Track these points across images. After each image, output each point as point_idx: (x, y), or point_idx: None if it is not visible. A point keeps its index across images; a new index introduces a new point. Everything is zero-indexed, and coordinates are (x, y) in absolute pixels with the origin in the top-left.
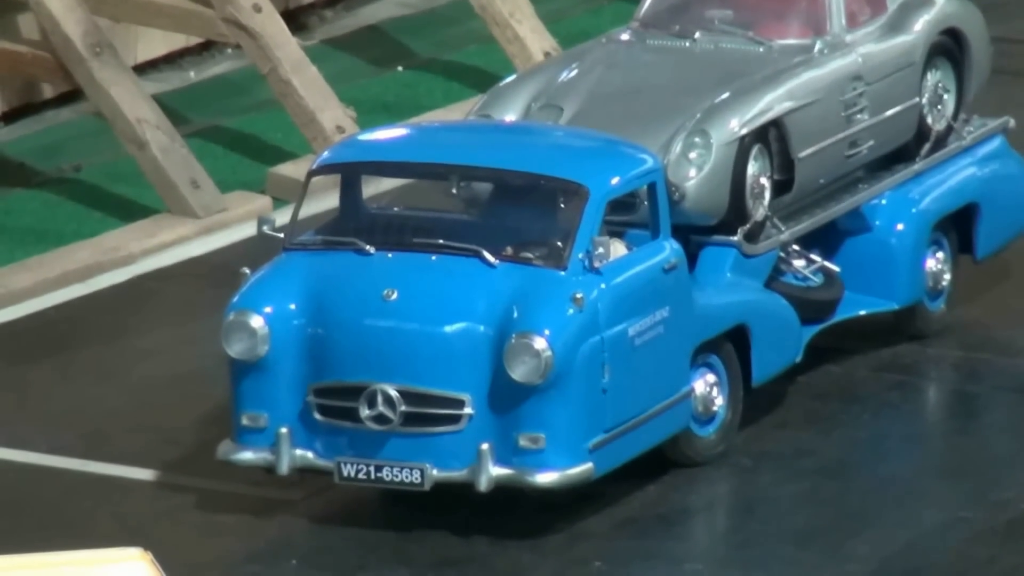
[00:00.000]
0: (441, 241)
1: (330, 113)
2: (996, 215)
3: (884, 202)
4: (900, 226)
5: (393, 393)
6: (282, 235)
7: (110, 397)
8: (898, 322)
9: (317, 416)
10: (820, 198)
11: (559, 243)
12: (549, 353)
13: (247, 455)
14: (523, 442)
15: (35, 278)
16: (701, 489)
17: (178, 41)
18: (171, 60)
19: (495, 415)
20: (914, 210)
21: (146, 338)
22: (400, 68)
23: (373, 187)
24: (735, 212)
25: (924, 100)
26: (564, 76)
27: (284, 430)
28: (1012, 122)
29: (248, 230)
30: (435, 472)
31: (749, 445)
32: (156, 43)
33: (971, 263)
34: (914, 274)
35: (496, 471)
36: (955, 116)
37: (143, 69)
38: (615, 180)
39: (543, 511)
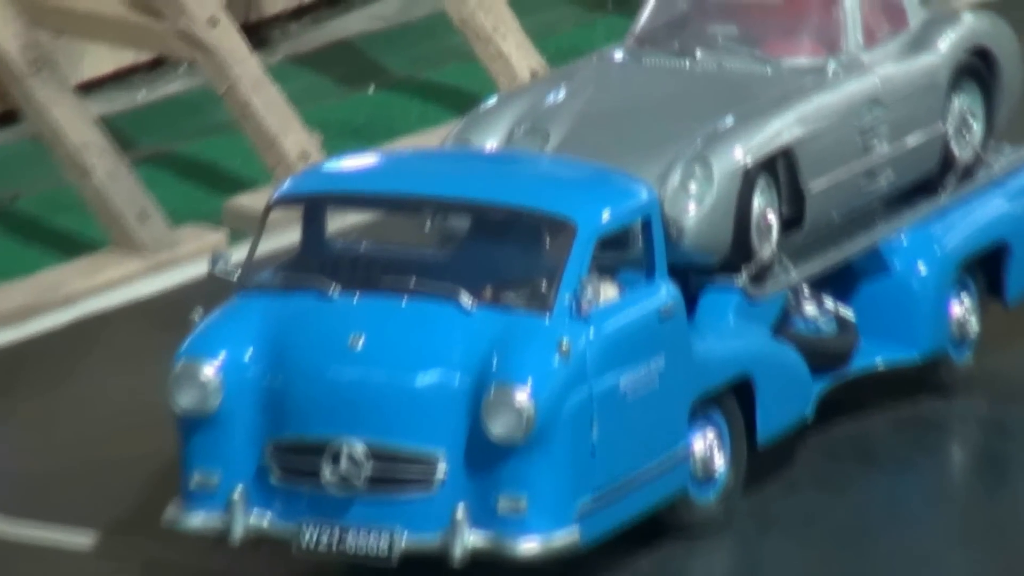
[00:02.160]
0: (413, 282)
1: (293, 138)
2: None
3: (904, 240)
4: (922, 267)
5: (359, 450)
6: (237, 274)
7: (47, 452)
8: (920, 373)
9: (275, 476)
10: (834, 236)
11: (543, 285)
12: (531, 407)
13: (197, 520)
14: (502, 505)
15: None
16: (700, 560)
17: (126, 57)
18: (119, 78)
19: (471, 475)
20: (938, 249)
21: (87, 387)
22: (371, 88)
23: (339, 221)
24: (739, 251)
25: (949, 126)
26: (552, 98)
27: (238, 492)
28: None
29: (201, 268)
30: (404, 540)
31: (754, 510)
32: (102, 59)
33: (1000, 308)
34: (937, 320)
35: (472, 538)
36: (984, 144)
37: (88, 88)
38: (606, 215)
39: None
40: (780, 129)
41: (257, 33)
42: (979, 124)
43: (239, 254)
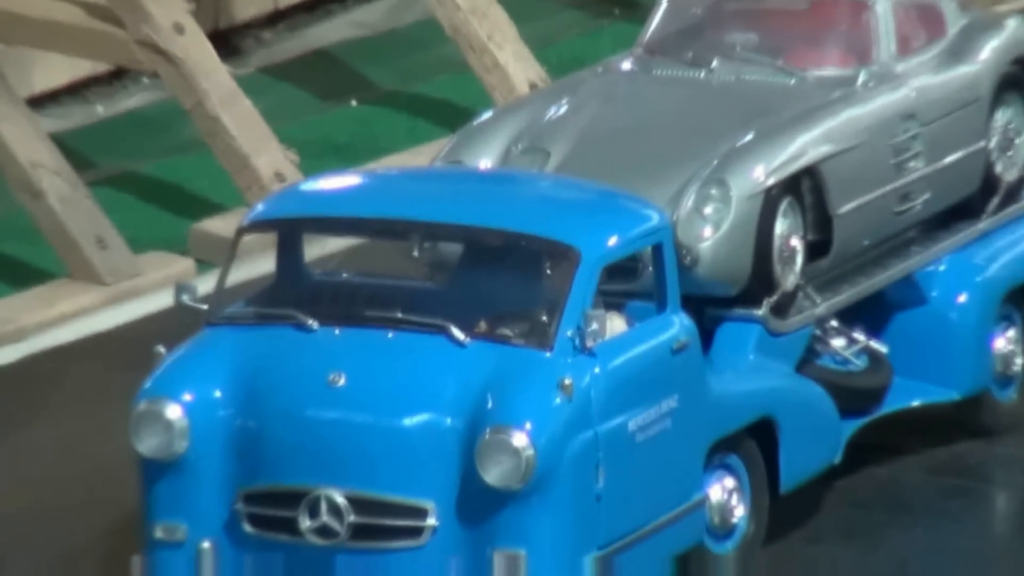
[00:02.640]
0: (400, 314)
1: (267, 157)
2: None
3: (943, 268)
4: (962, 298)
5: (340, 500)
6: (206, 306)
7: None
8: (959, 415)
9: (247, 528)
10: (864, 264)
11: (544, 318)
12: (531, 452)
13: None
14: (499, 560)
15: None
16: None
17: (83, 68)
18: (75, 91)
19: (465, 527)
20: (979, 278)
21: (40, 429)
22: (354, 102)
23: (318, 248)
24: (760, 280)
25: (992, 144)
26: (552, 113)
27: (207, 545)
28: None
29: (165, 299)
30: None
31: (776, 565)
32: (57, 70)
33: None
34: (979, 356)
35: None
36: None
37: (41, 102)
38: (612, 240)
39: None
40: (805, 146)
41: (227, 41)
42: None
43: (207, 284)
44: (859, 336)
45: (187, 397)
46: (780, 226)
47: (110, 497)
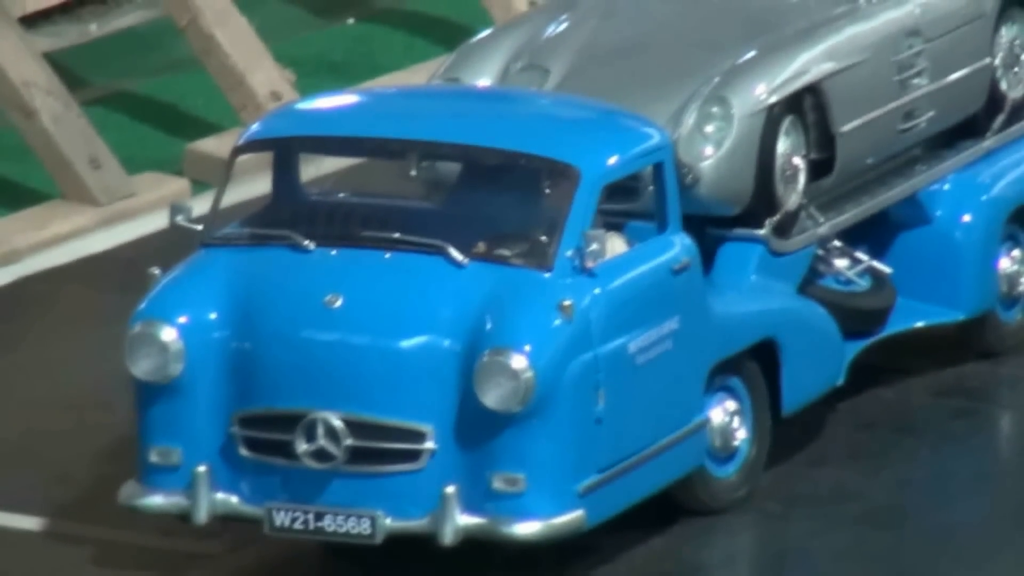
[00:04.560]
0: (397, 235)
1: (263, 75)
2: None
3: (947, 187)
4: (967, 217)
5: (337, 423)
6: (201, 227)
7: None
8: (964, 336)
9: (243, 451)
10: (867, 183)
11: (543, 238)
12: (530, 374)
13: (156, 499)
14: (498, 484)
15: None
16: (719, 542)
17: None
18: (67, 10)
19: (463, 451)
20: (984, 197)
21: (33, 353)
22: (351, 20)
23: (314, 168)
24: (762, 199)
25: (997, 61)
26: (551, 30)
27: (202, 468)
28: None
29: (160, 220)
30: (388, 521)
31: (778, 487)
32: None
33: None
34: (984, 277)
35: (464, 520)
36: None
37: (33, 20)
38: (612, 159)
39: (523, 569)
40: (807, 64)
41: None
42: None
43: (202, 205)
44: (862, 256)
45: (182, 319)
46: (782, 144)
47: (104, 420)
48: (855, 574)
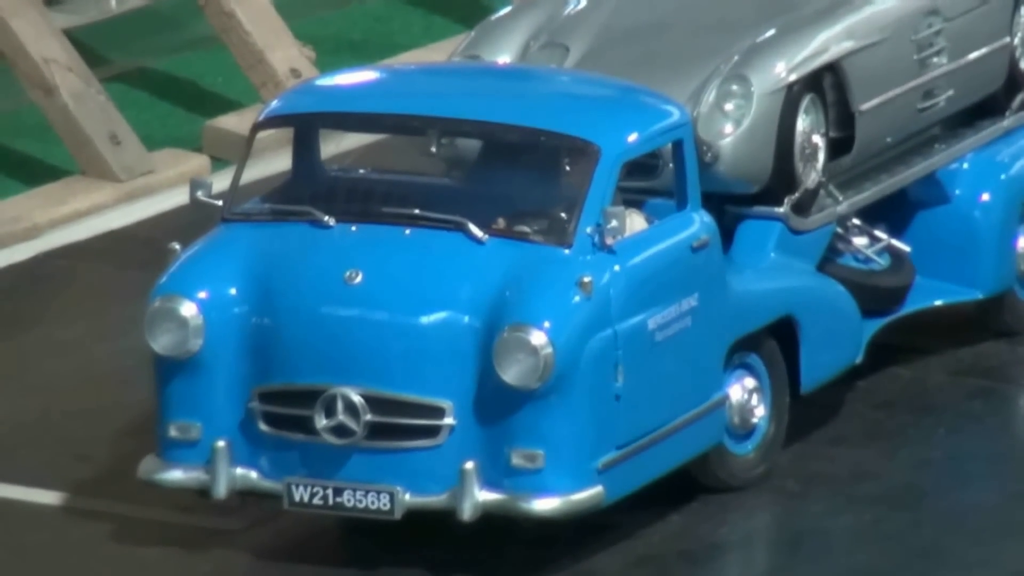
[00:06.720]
0: (417, 211)
1: (283, 53)
2: None
3: (966, 166)
4: (986, 196)
5: (356, 399)
6: (221, 203)
7: (8, 403)
8: (982, 315)
9: (263, 427)
10: (887, 161)
11: (563, 215)
12: (549, 350)
13: (176, 474)
14: (516, 460)
15: None
16: (736, 520)
17: None
18: None
19: (482, 427)
20: (1003, 176)
21: (53, 330)
22: None
23: (334, 145)
24: (781, 177)
25: (1016, 40)
26: (571, 8)
27: (221, 444)
28: None
29: (179, 197)
30: (408, 497)
31: (796, 466)
32: None
33: None
34: (1002, 256)
35: (483, 496)
36: None
37: None
38: (632, 137)
39: (541, 546)
40: (827, 42)
41: None
42: None
43: (222, 182)
44: (881, 235)
45: (202, 294)
46: (802, 123)
47: (123, 396)
48: (872, 553)
